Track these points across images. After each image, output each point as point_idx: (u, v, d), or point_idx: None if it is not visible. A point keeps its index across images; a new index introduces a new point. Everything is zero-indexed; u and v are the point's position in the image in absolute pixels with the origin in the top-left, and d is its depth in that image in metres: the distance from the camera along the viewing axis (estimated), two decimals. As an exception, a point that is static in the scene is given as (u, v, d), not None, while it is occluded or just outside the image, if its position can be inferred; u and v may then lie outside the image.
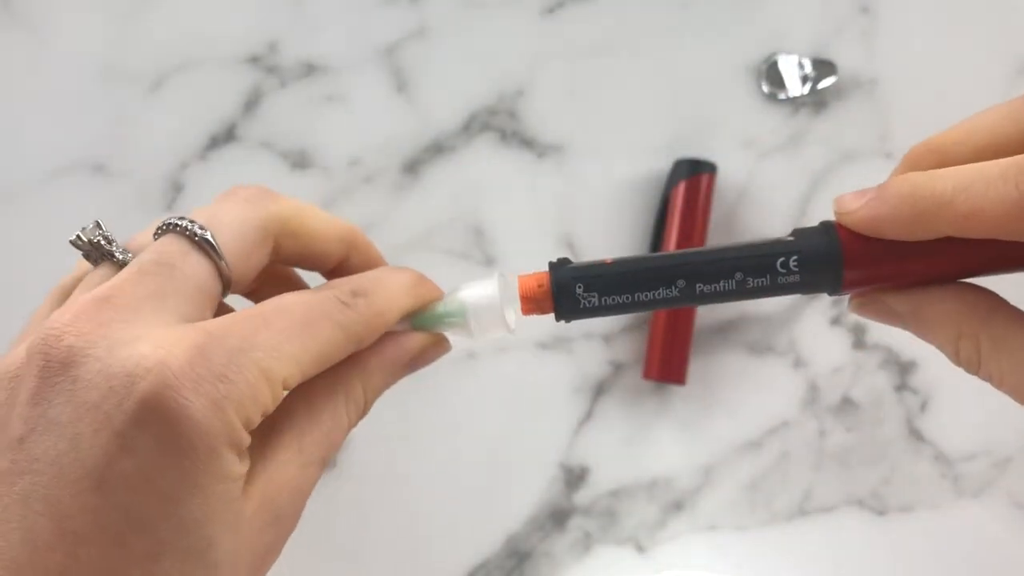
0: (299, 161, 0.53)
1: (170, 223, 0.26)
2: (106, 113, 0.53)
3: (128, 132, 0.53)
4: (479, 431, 0.52)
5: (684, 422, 0.52)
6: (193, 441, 0.21)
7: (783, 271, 0.25)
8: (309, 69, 0.53)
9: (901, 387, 0.52)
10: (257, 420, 0.23)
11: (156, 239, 0.26)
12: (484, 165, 0.53)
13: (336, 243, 0.29)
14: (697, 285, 0.26)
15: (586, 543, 0.52)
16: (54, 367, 0.22)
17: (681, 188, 0.51)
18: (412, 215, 0.53)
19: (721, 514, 0.52)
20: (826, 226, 0.26)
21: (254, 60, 0.53)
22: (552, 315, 0.27)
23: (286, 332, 0.24)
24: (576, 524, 0.52)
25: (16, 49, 0.53)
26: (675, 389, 0.52)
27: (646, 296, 0.26)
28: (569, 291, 0.26)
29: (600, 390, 0.52)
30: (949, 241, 0.24)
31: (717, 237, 0.53)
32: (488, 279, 0.29)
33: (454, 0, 0.54)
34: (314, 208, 0.29)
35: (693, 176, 0.51)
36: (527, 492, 0.52)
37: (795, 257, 0.25)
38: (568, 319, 0.27)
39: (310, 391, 0.26)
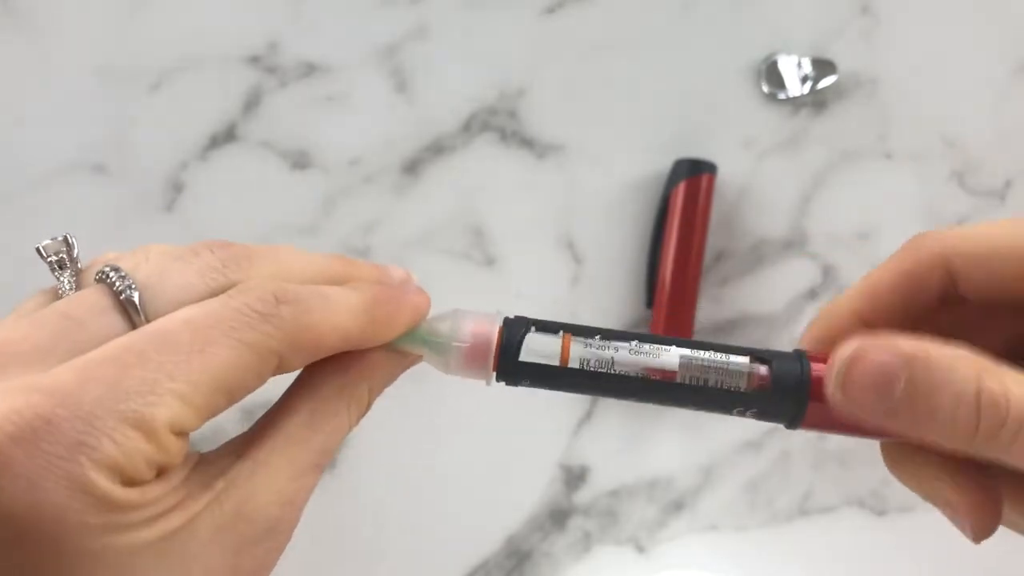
0: (299, 161, 0.53)
1: (105, 273, 0.22)
2: (106, 113, 0.53)
3: (128, 132, 0.53)
4: (479, 431, 0.52)
5: (684, 422, 0.52)
6: (48, 533, 0.18)
7: (737, 413, 0.25)
8: (309, 69, 0.53)
9: (901, 387, 0.52)
10: (149, 471, 0.20)
11: (95, 282, 0.22)
12: (484, 165, 0.53)
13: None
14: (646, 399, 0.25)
15: (586, 543, 0.52)
16: None
17: (681, 188, 0.51)
18: (412, 215, 0.53)
19: (721, 514, 0.52)
20: (799, 389, 0.24)
21: (254, 60, 0.53)
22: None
23: (168, 366, 0.20)
24: (576, 524, 0.52)
25: (16, 49, 0.53)
26: (675, 389, 0.52)
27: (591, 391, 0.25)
28: (515, 371, 0.25)
29: (600, 390, 0.52)
30: None
31: (717, 237, 0.53)
32: (489, 319, 0.25)
33: (454, 0, 0.54)
34: (290, 262, 0.24)
35: (693, 176, 0.51)
36: (527, 492, 0.52)
37: (753, 410, 0.24)
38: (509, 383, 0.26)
39: (315, 393, 0.24)
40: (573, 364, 0.24)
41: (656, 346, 0.24)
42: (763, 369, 0.24)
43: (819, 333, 0.26)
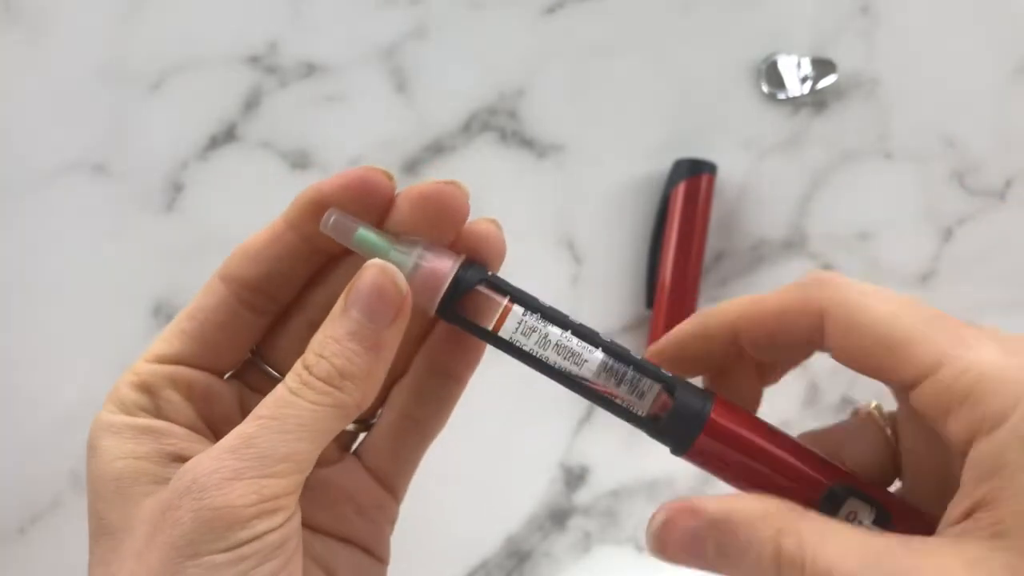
0: (299, 161, 0.53)
1: None
2: (106, 113, 0.53)
3: (128, 132, 0.53)
4: (479, 431, 0.52)
5: (684, 422, 0.52)
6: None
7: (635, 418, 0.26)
8: (309, 69, 0.53)
9: (901, 387, 0.52)
10: (129, 393, 0.25)
11: None
12: (484, 165, 0.53)
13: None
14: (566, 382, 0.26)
15: (586, 543, 0.52)
16: None
17: (681, 188, 0.51)
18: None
19: (721, 514, 0.52)
20: (691, 426, 0.25)
21: (254, 60, 0.53)
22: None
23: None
24: (576, 524, 0.52)
25: (16, 49, 0.53)
26: (675, 389, 0.52)
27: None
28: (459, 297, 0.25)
29: (600, 390, 0.52)
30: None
31: (717, 237, 0.53)
32: (451, 258, 0.26)
33: (454, 0, 0.54)
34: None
35: (693, 176, 0.51)
36: (527, 492, 0.52)
37: (648, 429, 0.26)
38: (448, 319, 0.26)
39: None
40: (503, 334, 0.26)
41: (584, 345, 0.25)
42: (667, 398, 0.26)
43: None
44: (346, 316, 0.24)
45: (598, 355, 0.25)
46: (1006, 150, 0.54)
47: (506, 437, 0.52)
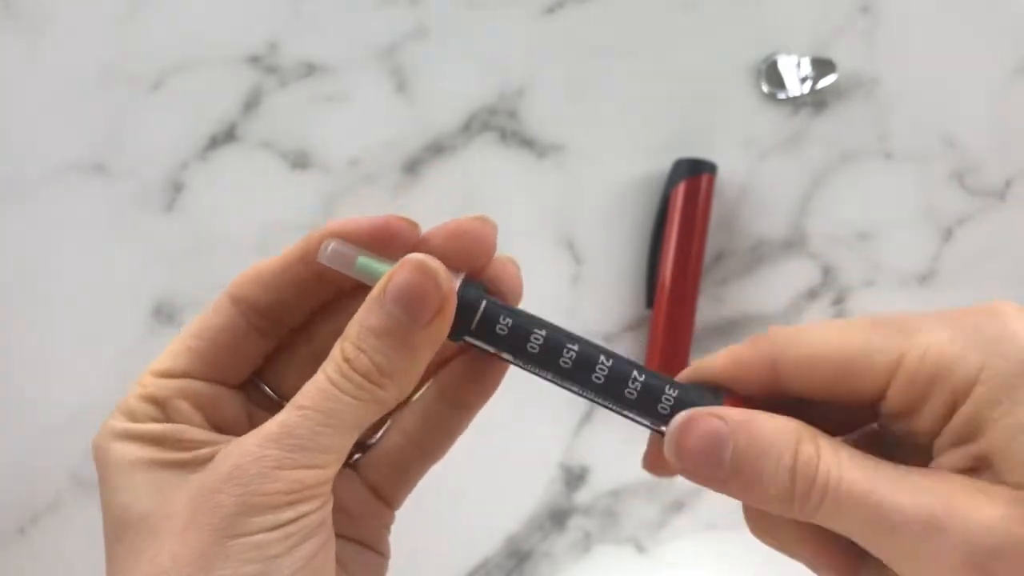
0: (299, 161, 0.53)
1: None
2: (106, 113, 0.53)
3: (128, 132, 0.53)
4: (479, 431, 0.52)
5: (684, 422, 0.52)
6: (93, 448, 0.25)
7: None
8: (309, 69, 0.53)
9: (901, 387, 0.52)
10: (138, 405, 0.26)
11: None
12: (484, 165, 0.53)
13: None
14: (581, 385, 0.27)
15: (586, 543, 0.52)
16: None
17: (681, 188, 0.51)
18: (412, 215, 0.53)
19: (721, 514, 0.52)
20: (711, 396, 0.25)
21: (254, 60, 0.53)
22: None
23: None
24: (576, 524, 0.52)
25: (16, 49, 0.53)
26: (675, 389, 0.52)
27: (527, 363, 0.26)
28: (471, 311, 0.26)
29: (600, 390, 0.52)
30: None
31: (717, 237, 0.53)
32: (453, 275, 0.26)
33: (454, 0, 0.54)
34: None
35: (693, 176, 0.51)
36: (527, 492, 0.52)
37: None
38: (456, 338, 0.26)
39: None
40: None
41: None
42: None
43: None
44: (382, 309, 0.24)
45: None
46: (1006, 150, 0.54)
47: (506, 437, 0.52)
